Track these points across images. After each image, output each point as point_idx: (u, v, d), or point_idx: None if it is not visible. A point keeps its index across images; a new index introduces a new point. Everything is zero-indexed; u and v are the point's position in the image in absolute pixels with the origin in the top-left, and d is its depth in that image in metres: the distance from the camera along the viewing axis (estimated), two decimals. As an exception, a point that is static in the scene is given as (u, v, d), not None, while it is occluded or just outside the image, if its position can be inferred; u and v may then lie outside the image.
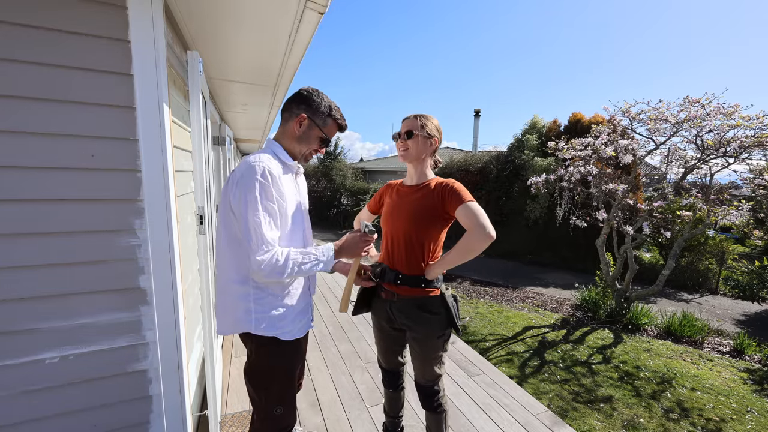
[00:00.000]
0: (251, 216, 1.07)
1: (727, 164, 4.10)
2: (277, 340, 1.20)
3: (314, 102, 1.23)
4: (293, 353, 1.26)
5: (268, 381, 1.25)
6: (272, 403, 1.25)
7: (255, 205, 1.07)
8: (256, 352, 1.23)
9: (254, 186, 1.07)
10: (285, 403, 1.27)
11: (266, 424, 1.28)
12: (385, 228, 1.52)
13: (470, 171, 9.82)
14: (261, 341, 1.20)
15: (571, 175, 4.85)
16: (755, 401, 3.00)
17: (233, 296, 1.20)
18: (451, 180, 1.39)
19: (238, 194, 1.09)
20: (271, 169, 1.12)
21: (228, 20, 1.51)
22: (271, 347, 1.21)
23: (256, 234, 1.07)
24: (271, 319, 1.19)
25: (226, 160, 3.48)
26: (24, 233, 1.11)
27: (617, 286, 4.76)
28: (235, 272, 1.18)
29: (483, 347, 3.87)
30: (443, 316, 1.41)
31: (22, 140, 1.08)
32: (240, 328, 1.20)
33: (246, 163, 1.12)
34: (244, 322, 1.19)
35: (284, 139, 1.26)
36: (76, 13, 1.09)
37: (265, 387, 1.25)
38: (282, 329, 1.20)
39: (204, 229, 1.67)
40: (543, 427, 2.08)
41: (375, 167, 17.40)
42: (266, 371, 1.24)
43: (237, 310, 1.19)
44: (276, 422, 1.27)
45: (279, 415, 1.26)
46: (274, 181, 1.12)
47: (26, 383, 1.15)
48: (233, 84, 2.56)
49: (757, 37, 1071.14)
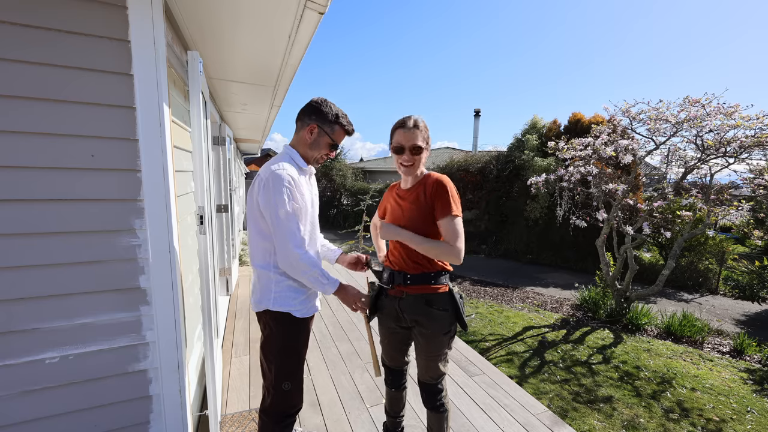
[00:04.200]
0: (282, 217, 1.25)
1: (727, 164, 4.10)
2: (290, 316, 1.38)
3: (323, 112, 1.38)
4: (301, 331, 1.43)
5: (279, 353, 1.40)
6: (281, 377, 1.40)
7: (284, 207, 1.25)
8: (271, 327, 1.40)
9: (282, 191, 1.25)
10: (292, 379, 1.43)
11: (275, 401, 1.42)
12: None
13: (470, 171, 9.82)
14: (276, 317, 1.38)
15: (571, 175, 4.85)
16: (755, 401, 3.00)
17: (260, 280, 1.40)
18: (445, 180, 1.38)
19: (267, 198, 1.26)
20: (293, 174, 1.30)
21: (228, 20, 1.51)
22: (285, 324, 1.39)
23: (288, 232, 1.26)
24: (286, 299, 1.38)
25: (226, 160, 3.48)
26: (24, 233, 1.11)
27: (617, 286, 4.76)
28: (262, 261, 1.38)
29: (483, 347, 3.87)
30: (450, 312, 1.43)
31: (22, 140, 1.08)
32: (262, 306, 1.39)
33: (271, 170, 1.28)
34: (265, 301, 1.38)
35: (299, 146, 1.42)
36: (76, 13, 1.09)
37: (276, 359, 1.40)
38: (294, 308, 1.39)
39: (204, 229, 1.67)
40: (543, 427, 2.08)
41: (375, 167, 17.40)
42: (278, 343, 1.40)
43: (262, 291, 1.40)
44: (283, 398, 1.42)
45: (287, 391, 1.41)
46: (296, 184, 1.30)
47: (26, 383, 1.15)
48: (233, 84, 2.56)
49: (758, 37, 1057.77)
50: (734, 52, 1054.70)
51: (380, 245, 1.80)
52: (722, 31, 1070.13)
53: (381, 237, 1.56)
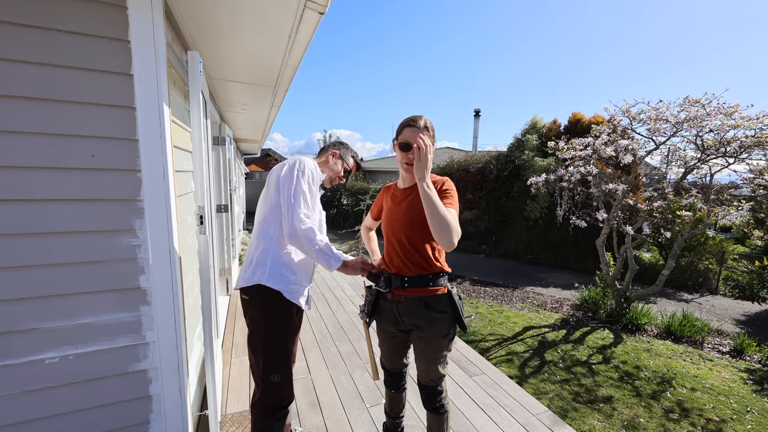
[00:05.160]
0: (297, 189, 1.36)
1: (727, 164, 4.10)
2: (280, 296, 1.40)
3: (343, 146, 1.74)
4: (289, 319, 1.45)
5: (266, 344, 1.41)
6: (269, 370, 1.42)
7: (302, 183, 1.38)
8: (257, 317, 1.42)
9: (305, 172, 1.41)
10: (281, 372, 1.44)
11: (265, 394, 1.43)
12: (385, 234, 1.52)
13: (470, 171, 9.82)
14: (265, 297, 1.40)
15: (571, 175, 4.85)
16: (755, 401, 3.00)
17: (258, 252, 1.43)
18: (446, 179, 1.39)
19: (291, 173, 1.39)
20: (315, 171, 1.49)
21: (228, 20, 1.51)
22: (273, 306, 1.41)
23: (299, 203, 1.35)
24: (278, 277, 1.41)
25: (226, 160, 3.48)
26: (24, 233, 1.11)
27: (617, 286, 4.76)
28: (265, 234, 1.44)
29: (483, 347, 3.87)
30: (449, 314, 1.41)
31: (21, 140, 1.08)
32: (254, 280, 1.41)
33: (301, 159, 1.46)
34: (258, 274, 1.40)
35: (320, 163, 1.64)
36: (76, 13, 1.09)
37: (264, 350, 1.41)
38: (287, 287, 1.42)
39: (204, 229, 1.67)
40: (543, 427, 2.08)
41: (375, 167, 17.39)
42: (266, 332, 1.42)
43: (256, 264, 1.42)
44: (273, 392, 1.43)
45: (276, 383, 1.42)
46: (315, 179, 1.47)
47: (26, 383, 1.15)
48: (233, 84, 2.56)
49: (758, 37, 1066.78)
50: (735, 53, 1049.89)
51: (373, 248, 1.77)
52: (723, 32, 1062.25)
53: (416, 170, 1.26)
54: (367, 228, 1.82)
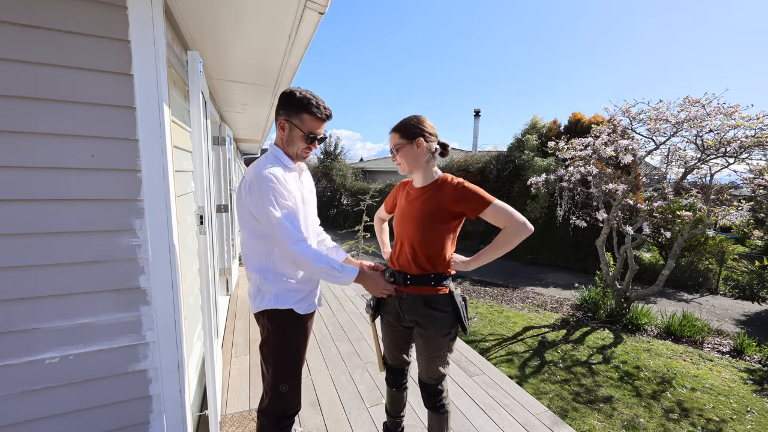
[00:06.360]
0: (274, 217, 1.22)
1: (727, 164, 4.10)
2: (292, 313, 1.37)
3: (288, 104, 1.31)
4: (300, 330, 1.42)
5: (277, 354, 1.39)
6: (279, 379, 1.40)
7: (274, 206, 1.23)
8: (269, 328, 1.38)
9: (268, 191, 1.22)
10: (290, 381, 1.42)
11: (273, 403, 1.42)
12: (395, 230, 1.54)
13: (470, 171, 9.82)
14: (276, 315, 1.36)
15: (571, 175, 4.85)
16: (755, 401, 3.00)
17: (257, 283, 1.38)
18: (462, 180, 1.39)
19: (256, 200, 1.24)
20: (276, 173, 1.26)
21: (228, 20, 1.51)
22: (284, 322, 1.37)
23: (284, 230, 1.23)
24: (286, 298, 1.36)
25: (226, 160, 3.48)
26: (24, 233, 1.11)
27: (617, 286, 4.76)
28: (257, 263, 1.36)
29: (483, 347, 3.87)
30: (450, 314, 1.42)
31: (21, 140, 1.08)
32: (262, 306, 1.37)
33: (254, 171, 1.27)
34: (266, 301, 1.36)
35: (280, 143, 1.38)
36: (76, 13, 1.09)
37: (274, 360, 1.39)
38: (296, 305, 1.38)
39: (204, 229, 1.67)
40: (543, 427, 2.08)
41: (375, 167, 17.39)
42: (277, 344, 1.39)
43: (261, 293, 1.38)
44: (281, 400, 1.42)
45: (284, 393, 1.40)
46: (280, 182, 1.26)
47: (26, 383, 1.15)
48: (233, 84, 2.56)
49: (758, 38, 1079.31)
50: (735, 53, 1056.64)
51: (384, 239, 1.79)
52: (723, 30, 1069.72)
53: (468, 268, 1.50)
54: (381, 219, 1.83)
